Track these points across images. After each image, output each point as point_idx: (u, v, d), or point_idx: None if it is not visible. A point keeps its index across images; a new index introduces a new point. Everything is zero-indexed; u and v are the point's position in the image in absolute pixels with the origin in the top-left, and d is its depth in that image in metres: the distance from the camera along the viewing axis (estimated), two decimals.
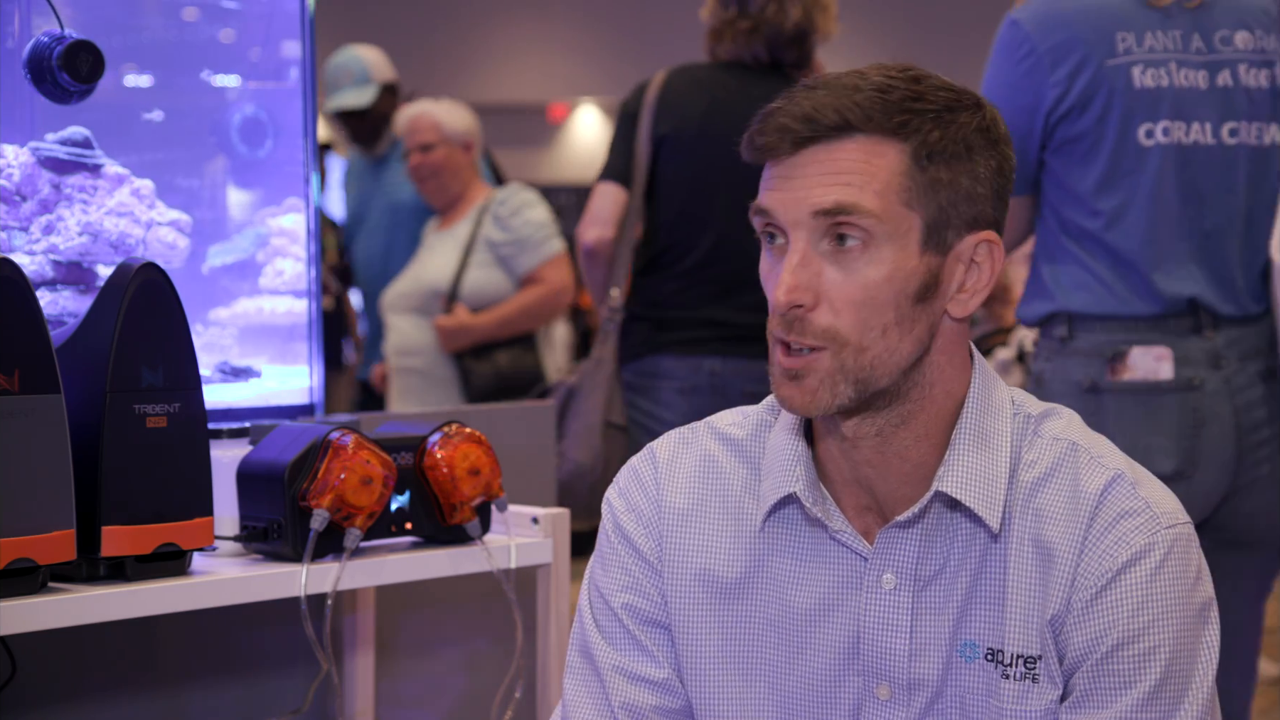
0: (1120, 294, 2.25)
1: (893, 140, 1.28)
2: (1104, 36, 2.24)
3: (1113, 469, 1.33)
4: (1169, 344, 2.22)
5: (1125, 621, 1.29)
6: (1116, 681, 1.29)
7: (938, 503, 1.34)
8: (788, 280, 1.28)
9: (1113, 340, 2.25)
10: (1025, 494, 1.34)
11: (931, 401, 1.34)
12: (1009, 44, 2.29)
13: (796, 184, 1.29)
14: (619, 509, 1.45)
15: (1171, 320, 2.23)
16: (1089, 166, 2.26)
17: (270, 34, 2.07)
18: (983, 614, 1.34)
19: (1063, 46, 2.25)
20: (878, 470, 1.34)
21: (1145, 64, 2.25)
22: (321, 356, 2.03)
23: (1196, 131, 2.25)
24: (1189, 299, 2.23)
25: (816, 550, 1.38)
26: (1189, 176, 2.25)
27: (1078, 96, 2.25)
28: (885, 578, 1.35)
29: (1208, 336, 2.24)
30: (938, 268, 1.30)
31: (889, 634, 1.35)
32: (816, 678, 1.37)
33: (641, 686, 1.40)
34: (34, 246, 1.81)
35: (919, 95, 1.29)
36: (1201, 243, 2.25)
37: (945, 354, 1.34)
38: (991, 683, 1.33)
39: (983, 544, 1.34)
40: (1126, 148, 2.24)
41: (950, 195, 1.29)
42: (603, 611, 1.43)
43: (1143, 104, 2.24)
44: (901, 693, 1.35)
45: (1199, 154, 2.25)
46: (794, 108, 1.29)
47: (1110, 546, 1.30)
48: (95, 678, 1.89)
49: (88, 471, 1.46)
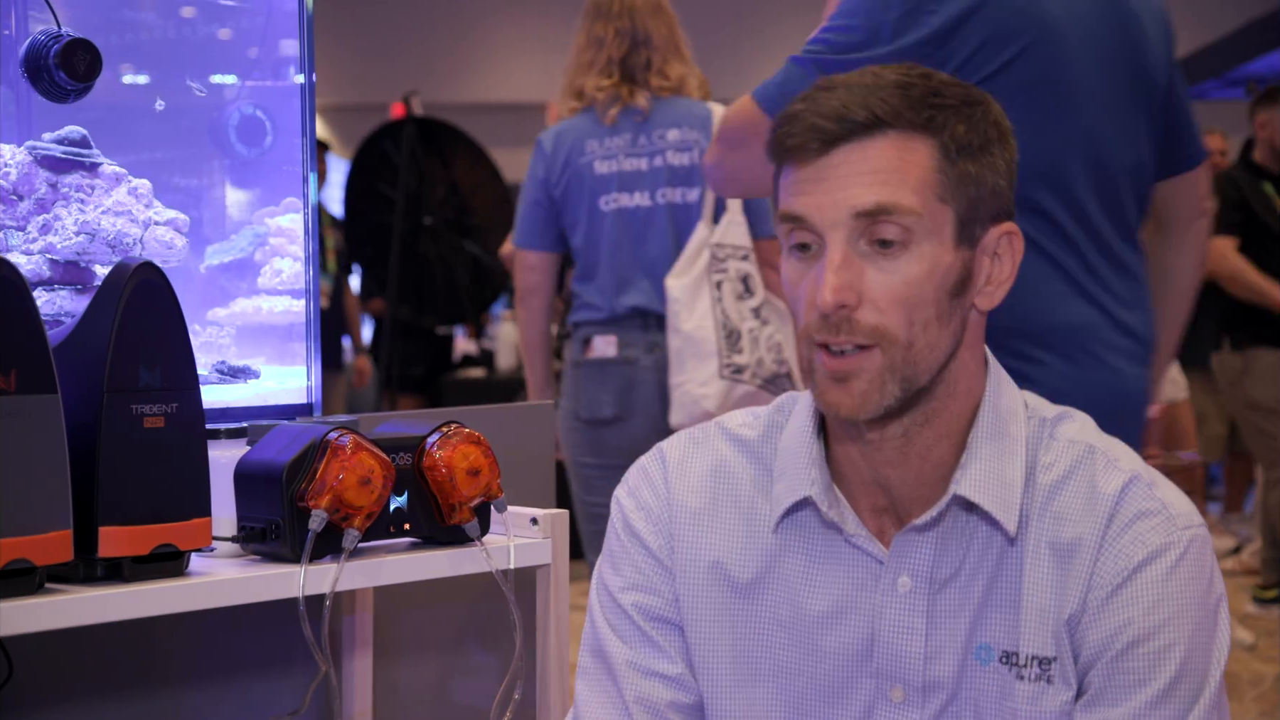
0: (597, 305, 3.54)
1: (922, 135, 1.27)
2: (577, 144, 3.56)
3: (1129, 471, 1.33)
4: (618, 334, 3.51)
5: (1141, 619, 1.28)
6: (1131, 679, 1.28)
7: (955, 505, 1.33)
8: (832, 281, 1.26)
9: (587, 332, 3.55)
10: (1044, 497, 1.33)
11: (955, 399, 1.33)
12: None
13: (831, 185, 1.27)
14: (628, 508, 1.44)
15: (624, 319, 3.51)
16: (573, 230, 3.58)
17: (269, 33, 2.07)
18: (999, 617, 1.33)
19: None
20: (898, 471, 1.34)
21: (601, 158, 3.54)
22: (319, 356, 2.03)
23: (639, 198, 3.52)
24: (634, 306, 3.49)
25: (831, 553, 1.37)
26: (633, 226, 3.52)
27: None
28: (901, 580, 1.34)
29: (647, 329, 3.49)
30: (970, 261, 1.30)
31: (905, 637, 1.34)
32: (827, 680, 1.37)
33: (656, 681, 1.40)
34: (31, 246, 1.81)
35: (937, 90, 1.29)
36: (647, 269, 3.49)
37: (970, 350, 1.34)
38: (1006, 685, 1.32)
39: (999, 547, 1.33)
40: (594, 212, 3.54)
41: (978, 188, 1.29)
42: (613, 610, 1.42)
43: (600, 184, 3.53)
44: (916, 695, 1.34)
45: (640, 212, 3.52)
46: (820, 106, 1.28)
47: (1127, 546, 1.30)
48: (92, 678, 1.89)
49: (85, 472, 1.46)
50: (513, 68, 13.57)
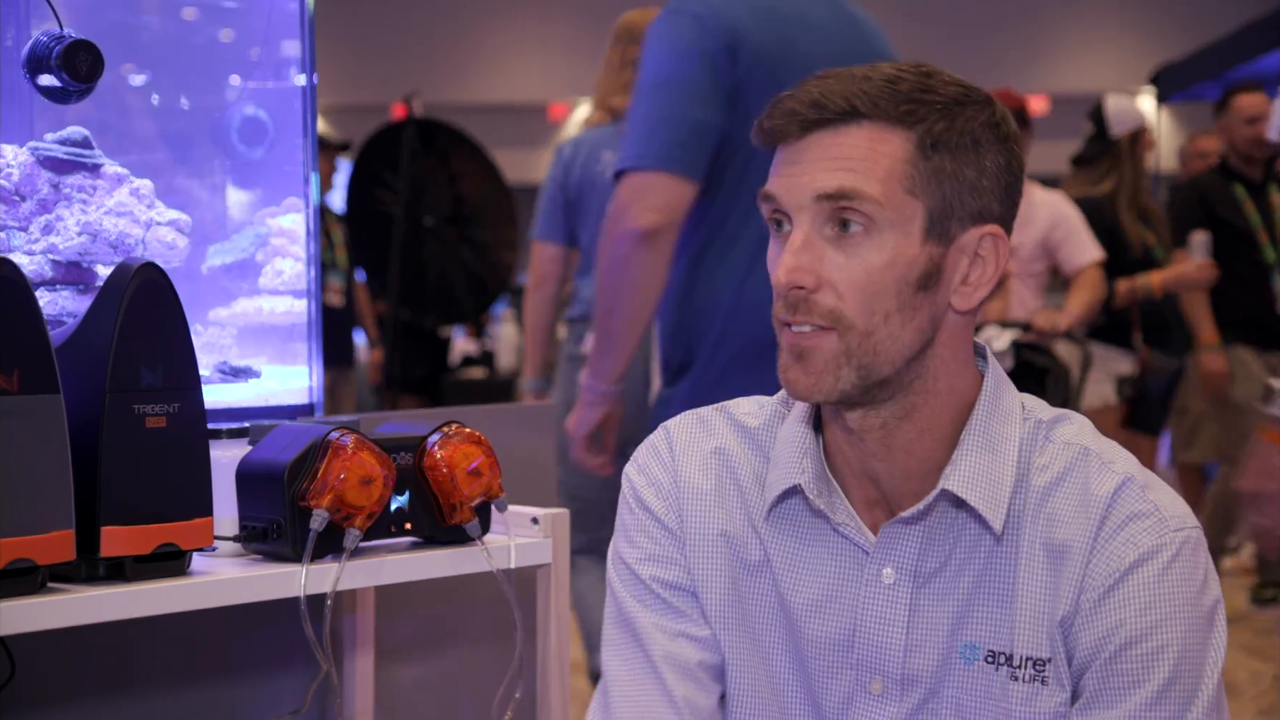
0: (593, 301, 3.12)
1: (898, 128, 1.29)
2: (593, 153, 3.72)
3: (1123, 473, 1.34)
4: None
5: (1133, 620, 1.29)
6: (1125, 681, 1.29)
7: (944, 501, 1.34)
8: (789, 261, 1.29)
9: (582, 328, 3.63)
10: (1037, 498, 1.34)
11: (935, 395, 1.34)
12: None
13: (801, 168, 1.30)
14: (639, 484, 1.46)
15: None
16: (582, 229, 3.74)
17: (270, 33, 2.07)
18: (986, 616, 1.34)
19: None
20: (884, 464, 1.35)
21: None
22: (321, 356, 2.03)
23: None
24: None
25: (819, 542, 1.39)
26: None
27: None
28: (885, 572, 1.35)
29: None
30: (940, 258, 1.31)
31: (885, 629, 1.35)
32: (809, 667, 1.38)
33: (684, 641, 1.41)
34: (33, 246, 1.81)
35: (928, 88, 1.30)
36: None
37: (949, 347, 1.34)
38: (993, 685, 1.33)
39: (988, 546, 1.34)
40: (601, 215, 2.92)
41: (954, 186, 1.30)
42: (633, 582, 1.44)
43: (609, 190, 2.95)
44: (894, 688, 1.35)
45: None
46: (803, 94, 1.31)
47: (1119, 547, 1.30)
48: (94, 678, 1.89)
49: (87, 472, 1.46)
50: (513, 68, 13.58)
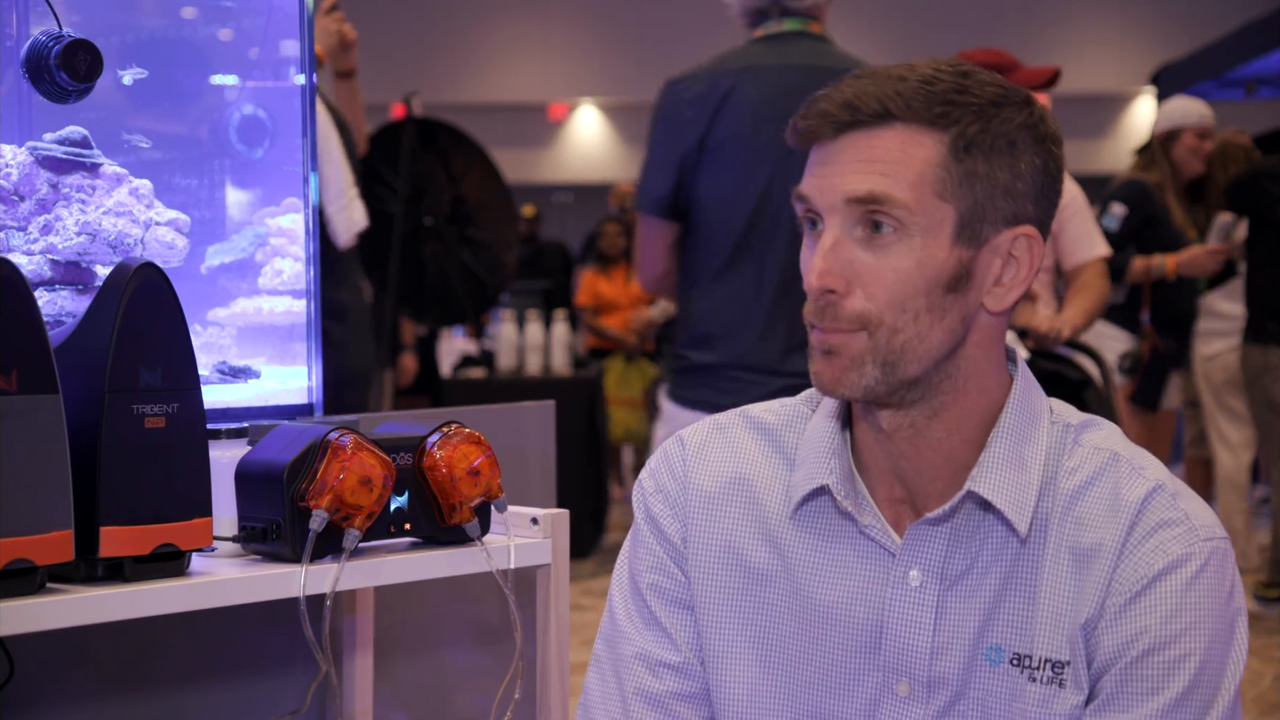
0: None
1: (931, 130, 1.28)
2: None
3: (1154, 480, 1.33)
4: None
5: (1158, 627, 1.28)
6: (1144, 686, 1.29)
7: (970, 503, 1.34)
8: (819, 265, 1.30)
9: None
10: (1065, 501, 1.34)
11: (965, 395, 1.34)
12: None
13: (833, 169, 1.30)
14: (648, 490, 1.47)
15: None
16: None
17: (269, 33, 2.07)
18: (1011, 619, 1.33)
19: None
20: (912, 464, 1.35)
21: None
22: (320, 356, 2.03)
23: None
24: None
25: (845, 543, 1.38)
26: None
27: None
28: (912, 574, 1.35)
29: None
30: (970, 260, 1.31)
31: (912, 631, 1.35)
32: (835, 671, 1.37)
33: (659, 672, 1.41)
34: (32, 246, 1.81)
35: (964, 89, 1.29)
36: None
37: (981, 348, 1.34)
38: (1016, 687, 1.32)
39: (1014, 548, 1.34)
40: None
41: (987, 189, 1.29)
42: (631, 591, 1.45)
43: None
44: (921, 690, 1.35)
45: None
46: (837, 94, 1.31)
47: (1148, 554, 1.30)
48: (94, 678, 1.89)
49: (86, 472, 1.46)
50: (513, 68, 13.58)
